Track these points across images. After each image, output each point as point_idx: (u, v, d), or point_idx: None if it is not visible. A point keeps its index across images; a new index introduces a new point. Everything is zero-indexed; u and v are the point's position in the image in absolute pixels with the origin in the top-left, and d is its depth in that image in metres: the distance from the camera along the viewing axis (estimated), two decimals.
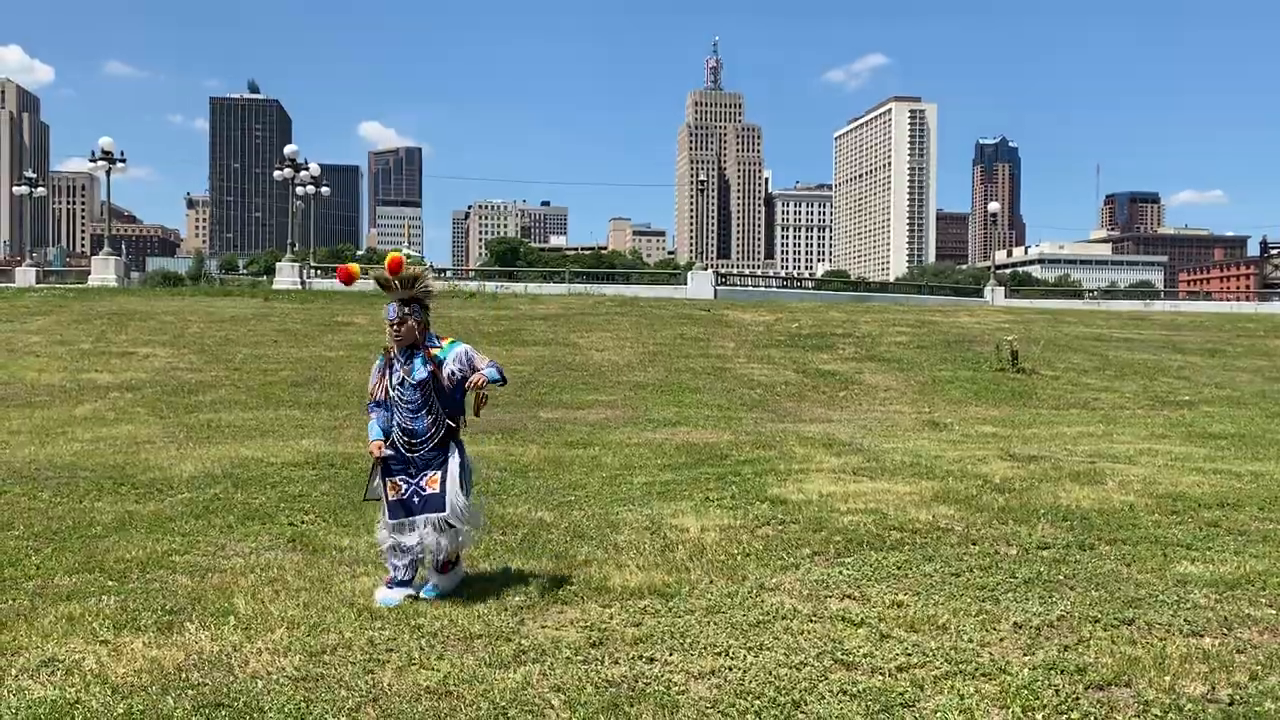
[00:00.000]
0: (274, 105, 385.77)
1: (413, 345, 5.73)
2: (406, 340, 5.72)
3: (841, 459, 11.47)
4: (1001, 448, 12.43)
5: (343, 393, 18.57)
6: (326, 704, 4.29)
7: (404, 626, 5.30)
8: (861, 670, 4.67)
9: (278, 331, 25.47)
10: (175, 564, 6.67)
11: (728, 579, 6.23)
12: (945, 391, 20.99)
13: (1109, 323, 36.11)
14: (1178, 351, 28.83)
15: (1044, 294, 69.84)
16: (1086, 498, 8.81)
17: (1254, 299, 63.66)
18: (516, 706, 4.26)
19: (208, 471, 10.24)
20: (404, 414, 5.73)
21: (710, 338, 26.89)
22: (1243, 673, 4.60)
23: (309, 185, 49.46)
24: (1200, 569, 6.37)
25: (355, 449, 12.12)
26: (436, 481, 5.75)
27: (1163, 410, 19.30)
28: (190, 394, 18.06)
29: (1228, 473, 10.35)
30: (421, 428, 5.72)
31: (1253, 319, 41.59)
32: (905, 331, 29.12)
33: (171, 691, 4.41)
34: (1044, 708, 4.22)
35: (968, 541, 7.22)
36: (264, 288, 45.69)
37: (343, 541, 7.30)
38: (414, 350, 5.73)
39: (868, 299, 50.23)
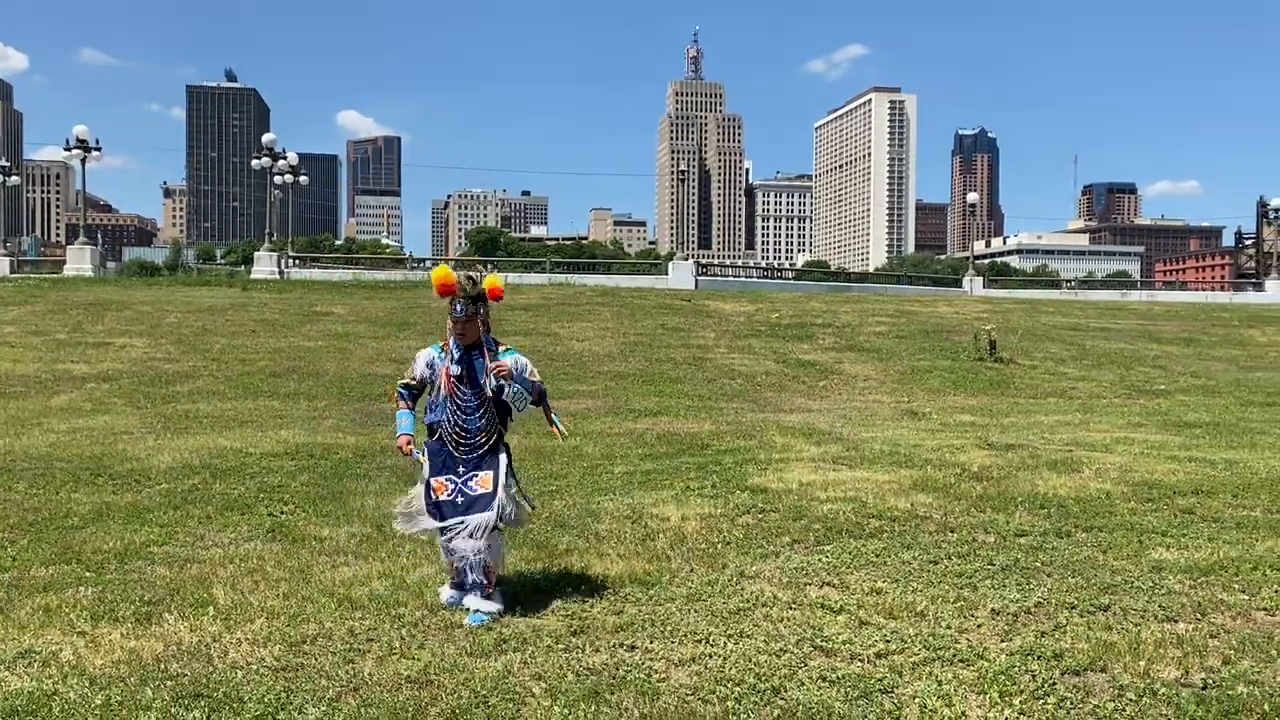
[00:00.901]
0: (252, 94, 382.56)
1: (474, 344, 5.56)
2: (470, 338, 5.55)
3: (821, 448, 11.52)
4: (979, 436, 12.51)
5: (321, 383, 18.49)
6: (307, 694, 4.29)
7: (384, 616, 5.30)
8: (841, 657, 4.70)
9: (256, 322, 25.31)
10: (153, 555, 6.64)
11: (708, 567, 6.25)
12: (924, 381, 21.10)
13: (1086, 312, 36.37)
14: (1154, 341, 29.08)
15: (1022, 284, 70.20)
16: (1063, 486, 8.89)
17: (1229, 289, 64.25)
18: (497, 695, 4.26)
19: (185, 462, 10.19)
20: (458, 410, 5.53)
21: (691, 328, 26.92)
22: (1216, 657, 4.66)
23: (287, 174, 49.06)
24: (1175, 555, 6.44)
25: (334, 439, 12.08)
26: (488, 481, 5.54)
27: (1139, 399, 19.47)
28: (168, 384, 17.94)
29: (1202, 460, 10.46)
30: (475, 426, 5.53)
31: (1227, 309, 41.99)
32: (884, 321, 29.24)
33: (150, 682, 4.39)
34: (1021, 693, 4.26)
35: (946, 529, 7.27)
36: (242, 278, 45.34)
37: (322, 532, 7.28)
38: (474, 348, 5.56)
39: (847, 289, 50.35)
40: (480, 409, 5.54)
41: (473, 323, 5.52)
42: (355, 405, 16.28)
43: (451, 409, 5.53)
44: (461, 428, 5.53)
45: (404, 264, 53.85)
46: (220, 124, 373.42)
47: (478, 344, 5.57)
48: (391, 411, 5.97)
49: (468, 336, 5.55)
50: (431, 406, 5.63)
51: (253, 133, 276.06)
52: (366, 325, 25.42)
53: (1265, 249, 67.29)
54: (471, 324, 5.52)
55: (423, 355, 5.70)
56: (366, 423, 13.94)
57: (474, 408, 5.54)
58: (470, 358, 5.55)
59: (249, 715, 4.07)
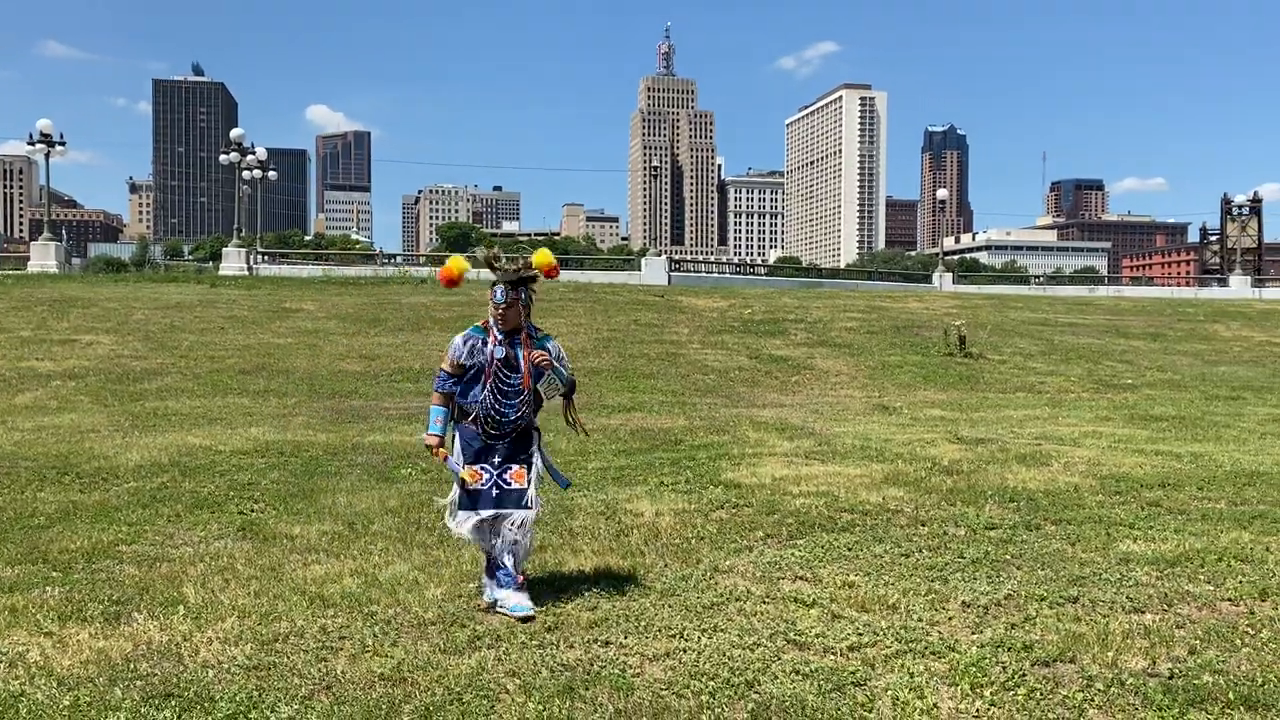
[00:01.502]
0: (219, 88, 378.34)
1: (515, 329, 5.41)
2: (512, 323, 5.39)
3: (794, 443, 11.58)
4: (950, 431, 12.61)
5: (292, 380, 18.35)
6: (279, 692, 4.26)
7: (357, 614, 5.27)
8: (814, 650, 4.73)
9: (225, 318, 25.09)
10: (122, 554, 6.56)
11: (682, 562, 6.26)
12: (895, 376, 21.24)
13: (1054, 308, 36.72)
14: (1121, 336, 29.42)
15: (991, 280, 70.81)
16: (1033, 479, 8.98)
17: (1194, 284, 65.08)
18: (471, 691, 4.25)
19: (154, 460, 10.08)
20: (499, 395, 5.35)
21: (664, 324, 26.94)
22: (1182, 647, 4.72)
23: (255, 169, 48.63)
24: (1142, 547, 6.52)
25: (305, 437, 12.00)
26: (523, 476, 5.41)
27: (1106, 393, 19.70)
28: (135, 382, 17.74)
29: (1168, 454, 10.59)
30: (514, 414, 5.37)
31: (1193, 304, 42.53)
32: (856, 317, 29.40)
33: (119, 683, 4.35)
34: (991, 684, 4.30)
35: (917, 523, 7.33)
36: (210, 274, 44.95)
37: (294, 529, 7.23)
38: (515, 334, 5.41)
39: (819, 285, 50.58)
40: (520, 395, 5.38)
41: (514, 308, 5.36)
42: (326, 402, 16.17)
43: (492, 394, 5.35)
44: (500, 413, 5.35)
45: (374, 260, 53.50)
46: (187, 118, 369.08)
47: (519, 329, 5.43)
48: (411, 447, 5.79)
49: (509, 322, 5.38)
50: (469, 389, 5.41)
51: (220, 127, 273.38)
52: (337, 322, 25.25)
53: (1229, 245, 68.16)
54: (513, 309, 5.36)
55: (461, 338, 5.45)
56: (337, 420, 13.85)
57: (515, 393, 5.37)
58: (513, 342, 5.41)
59: (220, 715, 4.03)
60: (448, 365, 5.43)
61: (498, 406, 5.34)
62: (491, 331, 5.40)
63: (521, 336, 5.41)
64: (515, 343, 5.39)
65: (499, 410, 5.35)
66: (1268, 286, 59.13)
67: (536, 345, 5.42)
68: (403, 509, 7.85)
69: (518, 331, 5.41)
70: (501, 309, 5.34)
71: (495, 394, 5.34)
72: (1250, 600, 5.40)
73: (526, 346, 5.39)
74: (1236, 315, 36.43)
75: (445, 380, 5.43)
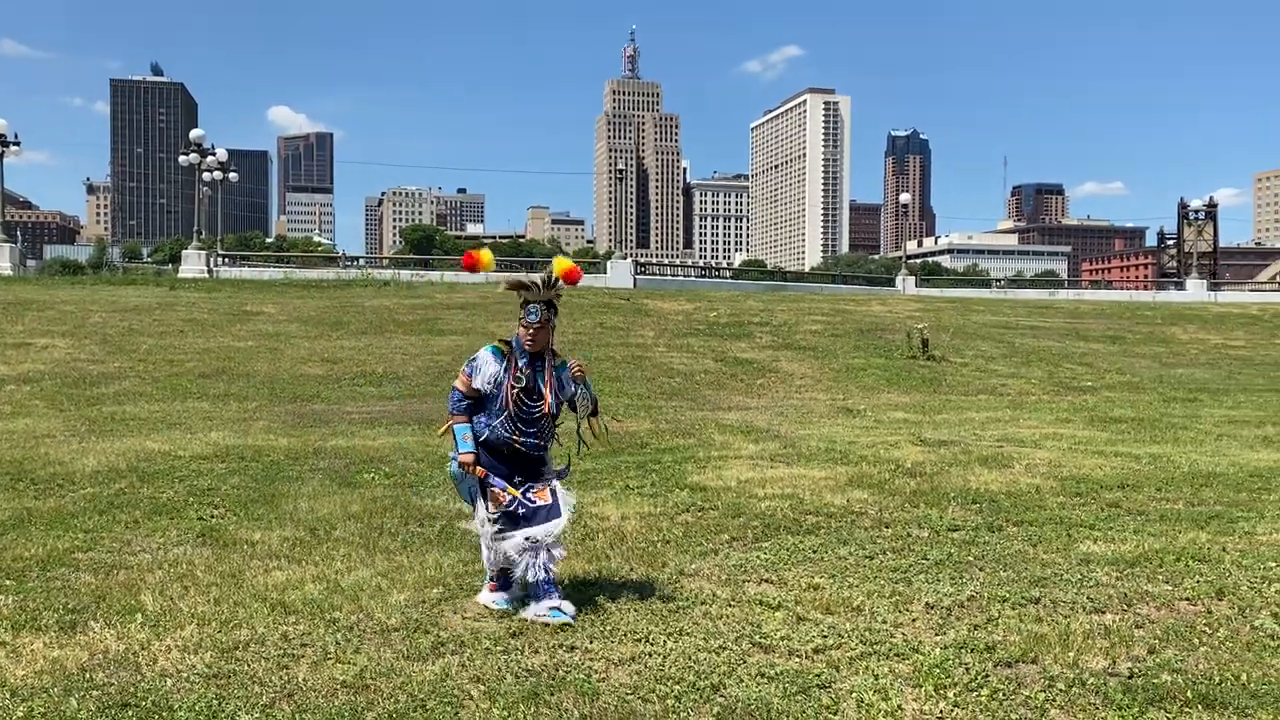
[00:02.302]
0: (178, 88, 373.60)
1: (540, 352, 5.24)
2: (541, 344, 5.22)
3: (759, 446, 11.61)
4: (913, 433, 12.71)
5: (252, 384, 18.15)
6: (239, 701, 4.20)
7: (319, 621, 5.21)
8: (779, 653, 4.74)
9: (184, 321, 24.76)
10: (78, 561, 6.45)
11: (648, 566, 6.25)
12: (859, 379, 21.37)
13: (1016, 311, 37.13)
14: (1081, 339, 29.80)
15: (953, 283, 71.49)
16: (995, 481, 9.07)
17: (1152, 288, 66.05)
18: (435, 698, 4.22)
19: (111, 465, 9.92)
20: (520, 424, 5.19)
21: (630, 327, 26.94)
22: (1141, 647, 4.78)
23: (216, 171, 48.05)
24: (1102, 548, 6.60)
25: (266, 441, 11.86)
26: (546, 495, 5.28)
27: (1067, 395, 19.94)
28: (92, 386, 17.47)
29: (1128, 455, 10.74)
30: (535, 441, 5.25)
31: (1151, 307, 43.18)
32: (820, 320, 29.56)
33: (75, 693, 4.26)
34: (955, 685, 4.33)
35: (881, 525, 7.37)
36: (169, 276, 44.34)
37: (254, 535, 7.13)
38: (539, 358, 5.25)
39: (784, 288, 50.81)
40: (541, 422, 5.25)
41: (545, 329, 5.20)
42: (287, 406, 16.00)
43: (512, 423, 5.19)
44: (522, 442, 5.21)
45: (337, 262, 53.08)
46: (146, 119, 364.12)
47: (543, 352, 5.25)
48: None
49: (538, 343, 5.21)
50: (485, 419, 5.24)
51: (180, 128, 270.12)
52: (299, 325, 25.00)
53: (1186, 249, 69.26)
54: (544, 331, 5.20)
55: (485, 363, 5.24)
56: (299, 424, 13.71)
57: (537, 419, 5.23)
58: (535, 366, 5.24)
59: None
60: (463, 385, 5.25)
61: (519, 436, 5.21)
62: (512, 357, 5.23)
63: (546, 361, 5.26)
64: (538, 367, 5.23)
65: (521, 439, 5.21)
66: (1223, 290, 60.17)
67: (558, 369, 5.28)
68: (365, 514, 7.78)
69: (541, 355, 5.26)
70: (534, 329, 5.17)
71: (515, 423, 5.20)
72: (1207, 600, 5.48)
73: (549, 371, 5.24)
74: (1193, 318, 37.03)
75: (460, 401, 5.26)
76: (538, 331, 5.19)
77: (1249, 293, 61.62)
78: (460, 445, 5.23)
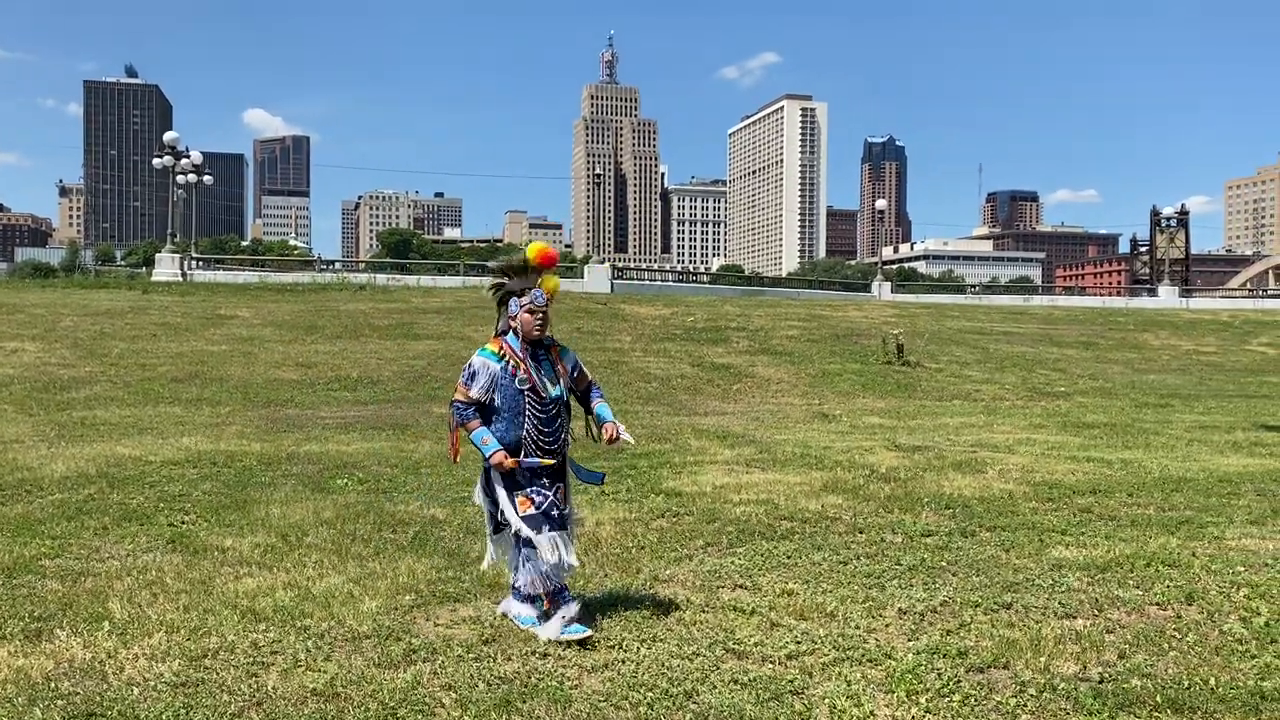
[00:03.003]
0: (153, 90, 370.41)
1: (540, 341, 5.00)
2: (545, 330, 4.99)
3: (735, 451, 11.62)
4: (887, 438, 12.76)
5: (226, 388, 18.01)
6: (207, 709, 4.15)
7: (289, 628, 5.16)
8: (752, 659, 4.73)
9: (157, 325, 24.55)
10: (44, 568, 6.36)
11: (622, 572, 6.24)
12: (834, 384, 21.44)
13: (990, 317, 37.39)
14: (1054, 345, 30.04)
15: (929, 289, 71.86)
16: (968, 486, 9.11)
17: (1125, 294, 66.66)
18: (406, 706, 4.18)
19: (81, 471, 9.80)
20: (539, 421, 4.91)
21: (607, 331, 26.92)
22: (1112, 652, 4.81)
23: (190, 174, 47.65)
24: (1074, 553, 6.64)
25: (239, 446, 11.77)
26: (567, 498, 5.12)
27: (1040, 401, 20.08)
28: (63, 390, 17.28)
29: (1100, 460, 10.82)
30: (558, 436, 4.99)
31: (1124, 313, 43.60)
32: (796, 325, 29.65)
33: (39, 702, 4.20)
34: (927, 691, 4.34)
35: (855, 530, 7.39)
36: (142, 280, 43.94)
37: (225, 542, 7.07)
38: (539, 346, 5.01)
39: (760, 293, 50.93)
40: (560, 417, 5.00)
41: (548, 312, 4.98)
42: (261, 411, 15.89)
43: (531, 421, 4.91)
44: (546, 439, 4.94)
45: (313, 265, 52.76)
46: (120, 121, 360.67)
47: (542, 341, 5.02)
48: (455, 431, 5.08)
49: (545, 329, 4.98)
50: (500, 420, 4.92)
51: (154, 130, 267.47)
52: (273, 329, 24.84)
53: (1158, 256, 69.94)
54: (548, 313, 4.98)
55: (481, 368, 4.91)
56: (272, 429, 13.61)
57: (555, 413, 4.97)
58: (538, 358, 4.99)
59: None
60: (462, 397, 4.95)
61: (542, 433, 4.94)
62: (509, 355, 4.94)
63: (547, 348, 5.05)
64: (541, 358, 5.00)
65: (545, 436, 4.95)
66: (1195, 297, 60.84)
67: (564, 355, 5.09)
68: (338, 520, 7.72)
69: (542, 344, 5.02)
70: (543, 311, 4.94)
71: (536, 420, 4.93)
72: (1177, 604, 5.52)
73: (557, 358, 5.03)
74: (1165, 324, 37.41)
75: (466, 409, 4.94)
76: (544, 316, 4.96)
77: (1220, 299, 62.36)
78: (486, 450, 4.88)
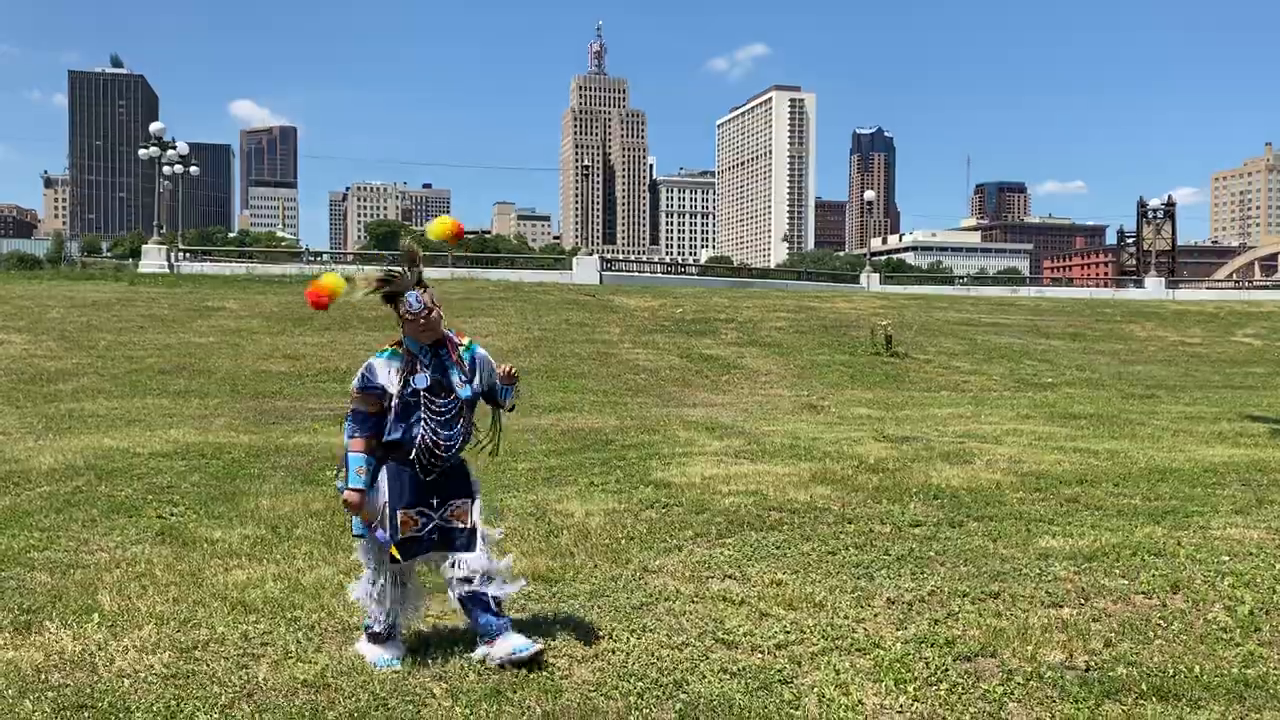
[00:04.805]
0: (139, 80, 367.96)
1: (438, 339, 4.60)
2: (437, 331, 4.56)
3: (723, 442, 11.64)
4: (876, 429, 12.80)
5: (213, 380, 17.96)
6: (198, 701, 4.16)
7: (280, 620, 5.16)
8: (742, 649, 4.76)
9: (144, 317, 24.45)
10: (33, 561, 6.35)
11: (612, 563, 6.26)
12: (823, 375, 21.49)
13: (978, 308, 37.51)
14: (1042, 336, 30.16)
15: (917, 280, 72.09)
16: (956, 477, 9.15)
17: (1112, 285, 66.94)
18: (397, 697, 4.20)
19: (69, 463, 9.77)
20: (435, 426, 4.49)
21: (596, 323, 26.92)
22: (1098, 640, 4.85)
23: (177, 164, 47.41)
24: (1060, 543, 6.68)
25: (227, 438, 11.74)
26: (466, 514, 4.64)
27: (1027, 392, 20.16)
28: (49, 383, 17.20)
29: (1086, 451, 10.88)
30: (455, 441, 4.55)
31: (1110, 304, 43.77)
32: (785, 317, 29.69)
33: (29, 694, 4.20)
34: (915, 680, 4.37)
35: (844, 520, 7.42)
36: (129, 272, 43.78)
37: (214, 534, 7.06)
38: (439, 344, 4.60)
39: (749, 285, 51.01)
40: (459, 418, 4.57)
41: (435, 312, 4.53)
42: (249, 403, 15.85)
43: (427, 424, 4.48)
44: (439, 444, 4.50)
45: (300, 258, 52.61)
46: (105, 112, 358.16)
47: (441, 338, 4.62)
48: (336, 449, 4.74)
49: (432, 328, 4.54)
50: (394, 423, 4.51)
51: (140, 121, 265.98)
52: (261, 320, 24.76)
53: (1145, 247, 70.27)
54: (435, 314, 4.52)
55: (379, 370, 4.54)
56: (260, 421, 13.58)
57: (454, 418, 4.54)
58: (439, 355, 4.59)
59: None
60: (362, 403, 4.53)
61: (437, 437, 4.50)
62: (409, 356, 4.55)
63: (447, 345, 4.62)
64: (443, 356, 4.59)
65: (438, 441, 4.51)
66: (1181, 288, 61.12)
67: (466, 353, 4.66)
68: (327, 512, 7.72)
69: (441, 343, 4.61)
70: (424, 317, 4.51)
71: (432, 424, 4.50)
72: (1163, 594, 5.57)
73: (456, 355, 4.62)
74: (1151, 315, 37.59)
75: (364, 422, 4.52)
76: (425, 319, 4.51)
77: (1206, 291, 62.63)
78: (350, 479, 4.48)
